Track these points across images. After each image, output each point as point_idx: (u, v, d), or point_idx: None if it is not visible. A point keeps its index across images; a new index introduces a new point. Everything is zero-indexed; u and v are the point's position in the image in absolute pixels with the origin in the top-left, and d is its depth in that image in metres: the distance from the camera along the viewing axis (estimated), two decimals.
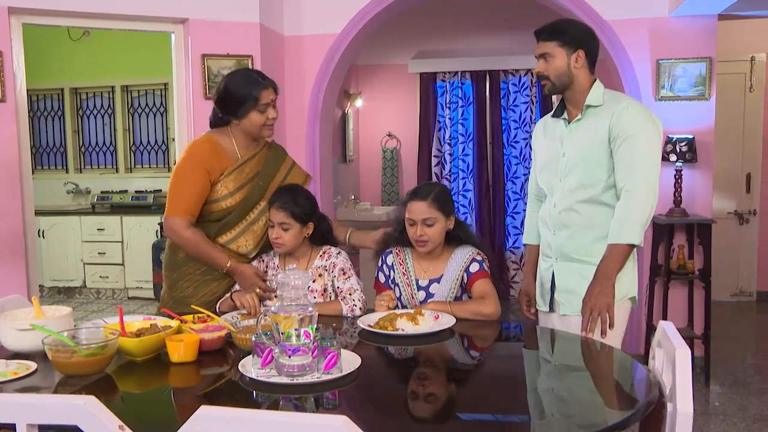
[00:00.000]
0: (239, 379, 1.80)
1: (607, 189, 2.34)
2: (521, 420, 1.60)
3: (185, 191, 2.52)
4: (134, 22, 3.96)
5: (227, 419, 1.20)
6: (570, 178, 2.39)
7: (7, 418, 1.29)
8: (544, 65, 2.37)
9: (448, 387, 1.84)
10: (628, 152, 2.27)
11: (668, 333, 1.75)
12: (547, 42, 2.36)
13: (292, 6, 4.60)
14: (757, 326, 5.80)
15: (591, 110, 2.38)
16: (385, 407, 1.71)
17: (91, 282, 6.73)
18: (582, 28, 2.42)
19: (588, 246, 2.37)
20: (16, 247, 3.61)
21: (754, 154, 6.24)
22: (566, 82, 2.36)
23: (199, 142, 2.61)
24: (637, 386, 1.78)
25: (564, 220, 2.41)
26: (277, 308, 1.77)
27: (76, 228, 6.68)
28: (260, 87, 2.53)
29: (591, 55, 2.39)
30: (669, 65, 4.21)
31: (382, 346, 2.14)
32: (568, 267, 2.42)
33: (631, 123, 2.28)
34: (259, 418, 1.20)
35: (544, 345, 2.29)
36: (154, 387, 1.90)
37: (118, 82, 7.16)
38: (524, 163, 6.64)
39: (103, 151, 7.36)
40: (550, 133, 2.51)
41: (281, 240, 2.53)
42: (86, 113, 7.34)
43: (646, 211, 2.25)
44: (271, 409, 1.66)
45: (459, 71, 6.70)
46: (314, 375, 1.76)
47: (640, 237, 2.25)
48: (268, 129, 2.60)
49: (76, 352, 1.79)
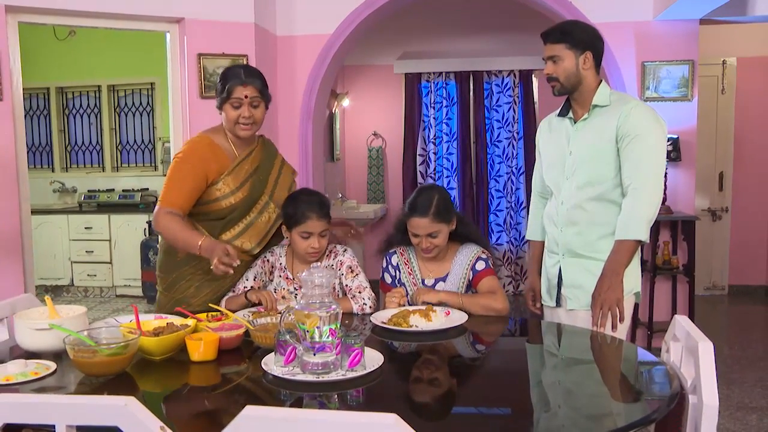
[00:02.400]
0: (262, 376, 1.76)
1: (614, 187, 2.34)
2: (542, 413, 1.58)
3: (175, 186, 2.44)
4: (130, 21, 3.87)
5: (274, 419, 1.16)
6: (577, 176, 2.39)
7: (47, 419, 1.23)
8: (553, 67, 2.36)
9: (471, 382, 1.82)
10: (634, 151, 2.27)
11: (686, 327, 1.75)
12: (556, 44, 2.35)
13: (285, 6, 4.54)
14: (731, 319, 5.89)
15: (598, 110, 2.38)
16: (412, 404, 1.68)
17: (78, 280, 6.59)
18: (589, 30, 2.41)
19: (595, 242, 2.37)
20: (13, 247, 3.51)
21: (726, 153, 6.33)
22: (575, 83, 2.36)
23: (196, 141, 2.55)
24: (657, 379, 1.77)
25: (572, 217, 2.40)
26: (302, 306, 1.74)
27: (64, 227, 6.54)
28: (237, 82, 2.43)
29: (597, 56, 2.39)
30: (653, 67, 4.25)
31: (397, 343, 2.12)
32: (575, 263, 2.41)
33: (638, 123, 2.28)
34: (308, 417, 1.16)
35: (558, 340, 2.28)
36: (175, 386, 1.85)
37: (105, 81, 7.02)
38: (507, 162, 6.65)
39: (89, 150, 7.21)
40: (556, 132, 2.51)
41: (320, 248, 2.48)
42: (72, 112, 7.19)
43: (652, 207, 2.27)
44: (294, 407, 1.62)
45: (443, 72, 6.69)
46: (339, 372, 1.72)
47: (646, 233, 2.26)
48: (242, 128, 2.48)
49: (97, 352, 1.74)
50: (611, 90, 2.43)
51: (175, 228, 2.37)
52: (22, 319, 1.93)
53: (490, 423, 1.57)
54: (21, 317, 1.94)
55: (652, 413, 1.49)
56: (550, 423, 1.54)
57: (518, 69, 6.53)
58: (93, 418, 1.24)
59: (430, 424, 1.52)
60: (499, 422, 1.58)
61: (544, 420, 1.55)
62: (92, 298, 6.58)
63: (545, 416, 1.57)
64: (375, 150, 6.94)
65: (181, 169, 2.46)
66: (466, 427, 1.51)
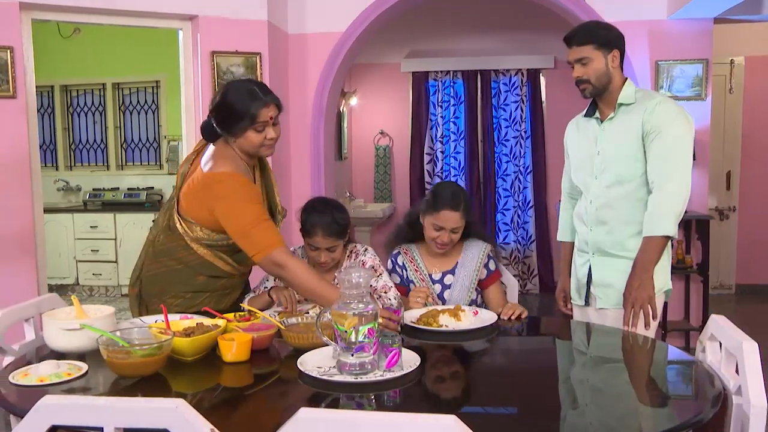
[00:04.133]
0: (298, 377, 1.74)
1: (643, 185, 2.33)
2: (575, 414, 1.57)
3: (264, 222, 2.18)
4: (143, 18, 3.85)
5: (329, 421, 1.14)
6: (605, 175, 2.38)
7: (96, 421, 1.21)
8: (583, 70, 2.34)
9: (503, 381, 1.80)
10: (660, 147, 2.26)
11: (725, 327, 1.73)
12: (583, 46, 2.33)
13: (297, 4, 4.52)
14: (740, 319, 5.82)
15: (624, 108, 2.37)
16: (450, 404, 1.66)
17: (83, 279, 6.56)
18: (612, 29, 2.41)
19: (625, 241, 2.36)
20: (27, 245, 3.49)
21: (734, 153, 6.33)
22: (606, 83, 2.35)
23: (237, 177, 2.21)
24: (698, 380, 1.75)
25: (601, 216, 2.39)
26: (339, 306, 1.72)
27: (69, 225, 6.50)
28: (260, 104, 2.18)
29: (622, 54, 2.38)
30: (667, 66, 4.24)
31: (430, 343, 2.09)
32: (605, 262, 2.40)
33: (663, 118, 2.27)
34: (365, 419, 1.14)
35: (587, 338, 2.26)
36: (207, 387, 1.83)
37: (109, 79, 6.98)
38: (514, 161, 6.64)
39: (94, 149, 7.17)
40: (583, 132, 2.50)
41: (331, 261, 2.44)
42: (76, 111, 7.14)
43: (679, 203, 2.24)
44: (331, 407, 1.61)
45: (451, 70, 6.67)
46: (376, 373, 1.70)
47: (674, 228, 2.24)
48: (268, 149, 2.27)
49: (131, 353, 1.71)
50: (637, 87, 2.41)
51: (311, 279, 2.14)
52: (52, 319, 1.91)
53: (527, 422, 1.55)
54: (50, 317, 1.92)
55: (695, 415, 1.47)
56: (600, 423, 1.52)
57: (526, 68, 6.51)
58: (143, 420, 1.22)
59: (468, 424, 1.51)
60: (535, 421, 1.56)
61: (593, 420, 1.53)
62: (97, 297, 6.54)
63: (584, 418, 1.55)
64: (382, 149, 6.92)
65: (250, 200, 2.19)
66: (499, 425, 1.49)
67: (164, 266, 2.39)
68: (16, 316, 1.98)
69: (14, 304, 2.04)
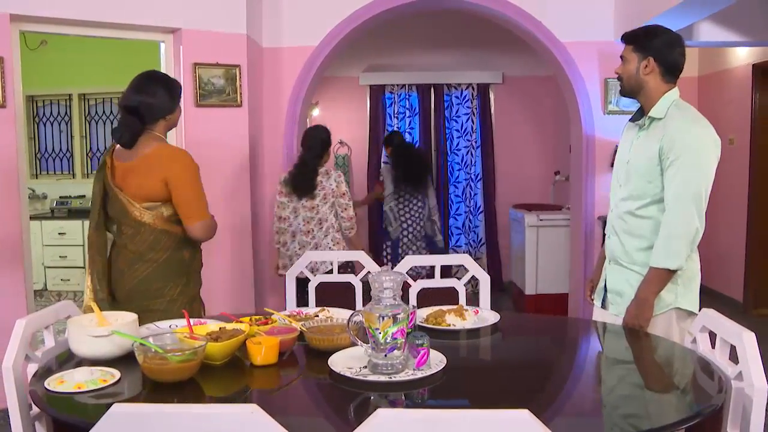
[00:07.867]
0: (329, 377, 1.69)
1: (652, 203, 2.19)
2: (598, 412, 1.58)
3: (204, 196, 2.43)
4: (127, 30, 3.69)
5: (407, 421, 1.11)
6: (627, 186, 2.27)
7: (168, 428, 1.14)
8: (621, 67, 2.25)
9: (527, 378, 1.80)
10: (673, 174, 2.11)
11: (718, 318, 1.78)
12: (626, 45, 2.24)
13: (272, 19, 4.43)
14: None
15: (655, 122, 2.19)
16: (477, 400, 1.65)
17: (52, 285, 6.26)
18: (661, 38, 2.19)
19: (633, 253, 2.24)
20: (15, 253, 3.29)
21: None
22: (634, 86, 2.22)
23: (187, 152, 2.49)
24: (703, 369, 1.74)
25: (615, 225, 2.32)
26: (371, 308, 1.68)
27: (37, 232, 6.18)
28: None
29: (665, 64, 2.18)
30: (615, 84, 4.34)
31: (447, 341, 2.06)
32: (617, 270, 2.31)
33: (677, 144, 2.10)
34: (442, 417, 1.11)
35: (599, 337, 2.24)
36: (238, 389, 1.76)
37: (76, 90, 6.68)
38: (465, 169, 6.71)
39: (60, 158, 6.85)
40: (626, 136, 2.36)
41: None
42: (42, 120, 6.81)
43: (686, 236, 2.11)
44: (363, 406, 1.57)
45: (406, 84, 6.69)
46: (407, 372, 1.67)
47: (677, 262, 2.11)
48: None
49: (166, 359, 1.63)
50: (677, 100, 2.20)
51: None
52: (77, 326, 1.80)
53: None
54: (75, 324, 1.81)
55: (710, 402, 1.51)
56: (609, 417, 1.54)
57: (477, 83, 6.59)
58: (217, 426, 1.15)
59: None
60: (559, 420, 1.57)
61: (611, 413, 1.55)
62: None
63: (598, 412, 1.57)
64: (341, 157, 6.87)
65: (198, 179, 2.43)
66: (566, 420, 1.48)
67: (153, 262, 2.38)
68: (38, 324, 1.85)
69: (3, 311, 1.91)
